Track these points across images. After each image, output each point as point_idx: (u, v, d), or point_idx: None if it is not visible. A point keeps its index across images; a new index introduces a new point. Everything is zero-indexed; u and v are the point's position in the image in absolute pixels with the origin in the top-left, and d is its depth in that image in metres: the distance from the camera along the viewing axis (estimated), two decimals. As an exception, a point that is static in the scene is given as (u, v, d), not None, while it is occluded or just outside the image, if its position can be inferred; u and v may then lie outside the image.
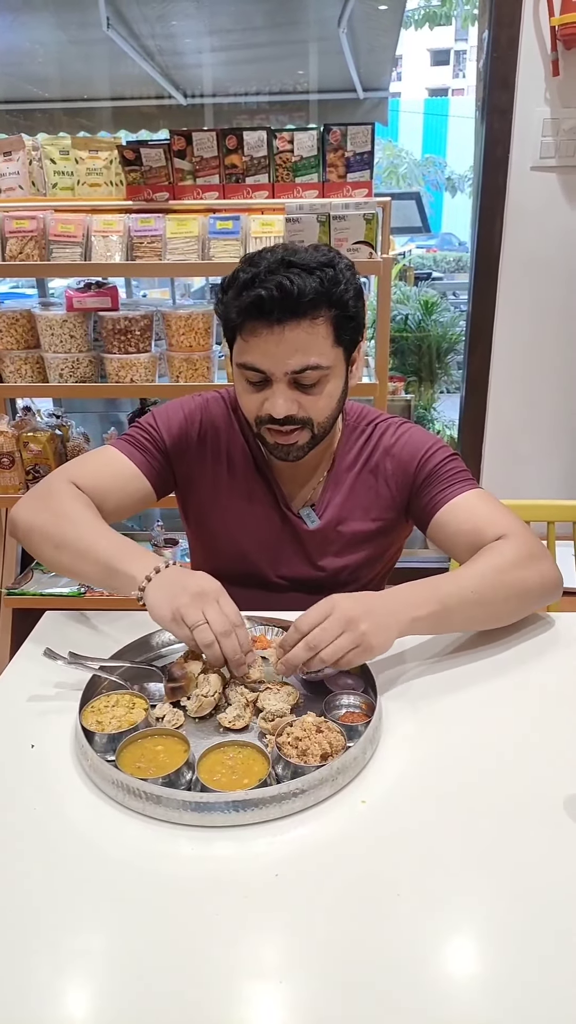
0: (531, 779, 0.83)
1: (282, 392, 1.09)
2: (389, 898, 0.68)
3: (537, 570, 1.10)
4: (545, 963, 0.62)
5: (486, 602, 1.05)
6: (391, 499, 1.25)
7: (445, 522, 1.17)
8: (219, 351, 2.20)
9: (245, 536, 1.27)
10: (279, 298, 1.02)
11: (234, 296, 1.06)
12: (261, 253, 1.08)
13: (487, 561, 1.08)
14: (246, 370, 1.10)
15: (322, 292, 1.05)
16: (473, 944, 0.65)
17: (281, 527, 1.26)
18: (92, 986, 0.61)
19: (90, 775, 0.83)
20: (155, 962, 0.63)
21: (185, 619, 0.92)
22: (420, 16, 11.56)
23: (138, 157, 2.10)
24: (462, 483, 1.19)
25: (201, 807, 0.76)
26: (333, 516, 1.25)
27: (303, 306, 1.04)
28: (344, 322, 1.09)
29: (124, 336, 2.11)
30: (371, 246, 2.01)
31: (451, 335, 5.18)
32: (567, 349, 2.62)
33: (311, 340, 1.06)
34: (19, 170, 2.15)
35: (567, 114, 2.36)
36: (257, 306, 1.03)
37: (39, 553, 1.13)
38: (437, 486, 1.19)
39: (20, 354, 2.19)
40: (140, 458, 1.23)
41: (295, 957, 0.63)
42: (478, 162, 2.53)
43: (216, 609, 0.93)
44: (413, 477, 1.22)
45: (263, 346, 1.06)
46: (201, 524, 1.32)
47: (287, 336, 1.05)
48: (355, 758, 0.83)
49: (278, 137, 2.09)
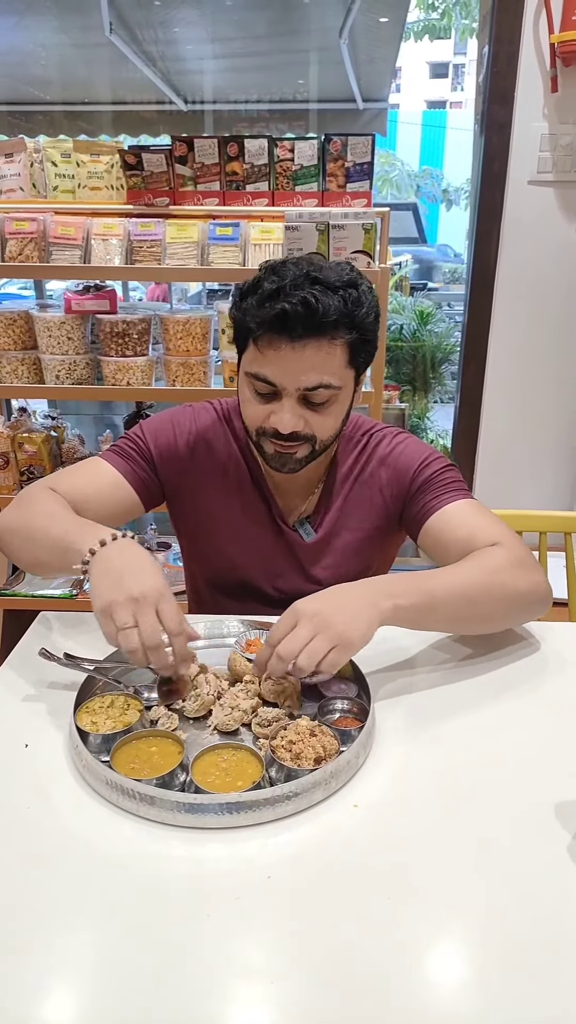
0: (523, 784, 0.84)
1: (290, 407, 1.07)
2: (380, 901, 0.69)
3: (528, 578, 1.08)
4: (536, 967, 0.63)
5: (475, 600, 1.03)
6: (384, 508, 1.23)
7: (437, 529, 1.16)
8: (216, 356, 2.20)
9: (238, 550, 1.25)
10: (303, 314, 1.00)
11: (256, 305, 1.04)
12: (285, 264, 1.06)
13: (478, 561, 1.06)
14: (256, 380, 1.08)
15: (345, 313, 1.03)
16: (464, 948, 0.66)
17: (276, 541, 1.24)
18: (83, 986, 0.62)
19: (84, 775, 0.83)
20: (147, 963, 0.63)
21: (114, 617, 0.87)
22: (420, 29, 11.66)
23: (139, 162, 2.11)
24: (455, 492, 1.18)
25: (194, 808, 0.76)
26: (329, 528, 1.24)
27: (325, 325, 1.02)
28: (361, 345, 1.08)
29: (122, 339, 2.12)
30: (369, 255, 2.03)
31: (446, 345, 5.21)
32: (561, 361, 2.64)
33: (327, 360, 1.05)
34: (20, 172, 2.16)
35: (565, 130, 2.39)
36: (280, 320, 1.01)
37: (12, 553, 1.11)
38: (430, 493, 1.18)
39: (17, 355, 2.19)
40: (126, 467, 1.20)
41: (286, 959, 0.64)
42: (476, 175, 2.55)
43: (151, 618, 0.87)
44: (408, 486, 1.21)
45: (279, 360, 1.05)
46: (192, 537, 1.31)
47: (305, 354, 1.04)
48: (348, 762, 0.83)
49: (279, 146, 2.10)
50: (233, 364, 2.11)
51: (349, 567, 1.25)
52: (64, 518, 1.06)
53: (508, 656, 1.09)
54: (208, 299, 4.84)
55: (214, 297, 4.69)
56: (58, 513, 1.07)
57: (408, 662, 1.07)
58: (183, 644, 0.89)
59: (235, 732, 0.91)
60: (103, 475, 1.20)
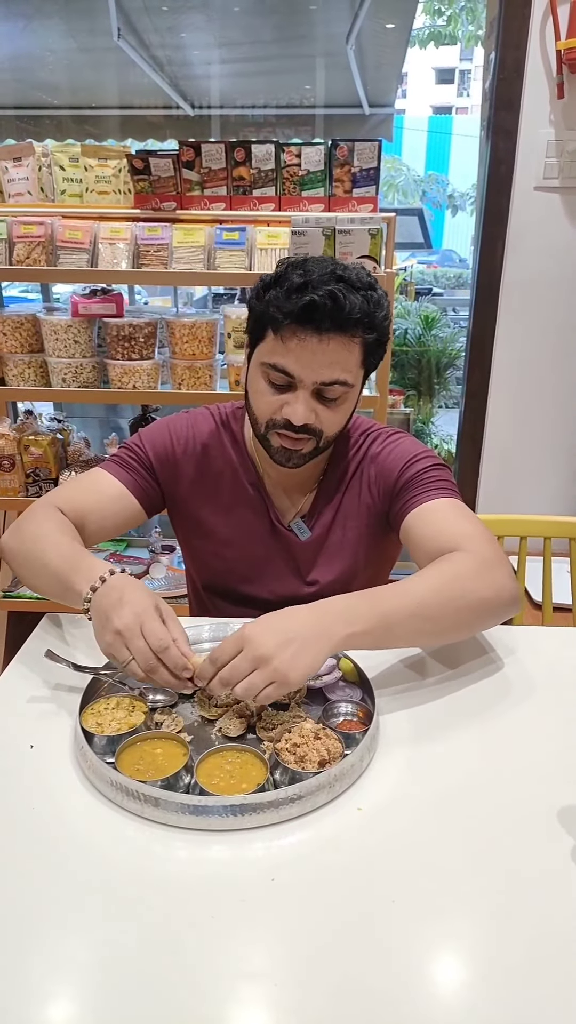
0: (526, 789, 0.84)
1: (305, 400, 1.09)
2: (384, 904, 0.69)
3: (491, 581, 1.02)
4: (540, 971, 0.63)
5: (432, 616, 0.98)
6: (372, 506, 1.23)
7: (411, 527, 1.14)
8: (222, 360, 2.21)
9: (235, 554, 1.26)
10: (330, 308, 1.03)
11: (283, 296, 1.05)
12: (308, 261, 1.08)
13: (437, 572, 1.02)
14: (273, 371, 1.09)
15: (367, 313, 1.06)
16: (468, 951, 0.66)
17: (272, 542, 1.25)
18: (88, 987, 0.62)
19: (89, 776, 0.84)
20: (151, 964, 0.63)
21: (115, 658, 0.91)
22: (426, 35, 11.70)
23: (147, 166, 2.12)
24: (437, 491, 1.15)
25: (199, 810, 0.77)
26: (324, 527, 1.24)
27: (349, 322, 1.05)
28: (375, 347, 1.11)
29: (128, 343, 2.13)
30: (375, 260, 2.03)
31: (451, 350, 5.22)
32: (567, 367, 2.65)
33: (346, 356, 1.08)
34: (28, 176, 2.17)
35: (571, 136, 2.39)
36: (308, 311, 1.03)
37: (17, 575, 1.16)
38: (412, 491, 1.17)
39: (24, 358, 2.20)
40: (126, 476, 1.23)
41: (291, 961, 0.64)
42: (482, 181, 2.56)
43: (139, 643, 0.88)
44: (393, 484, 1.20)
45: (301, 352, 1.06)
46: (190, 541, 1.31)
47: (329, 347, 1.06)
48: (352, 765, 0.83)
49: (286, 151, 2.11)
50: (239, 368, 2.12)
51: (344, 567, 1.25)
52: (59, 551, 1.06)
53: (512, 661, 1.09)
54: (214, 303, 4.87)
55: (220, 301, 4.71)
56: (54, 543, 1.08)
57: (413, 666, 1.07)
58: (173, 656, 0.89)
59: (240, 735, 0.92)
60: (105, 487, 1.22)
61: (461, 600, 1.00)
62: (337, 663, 1.03)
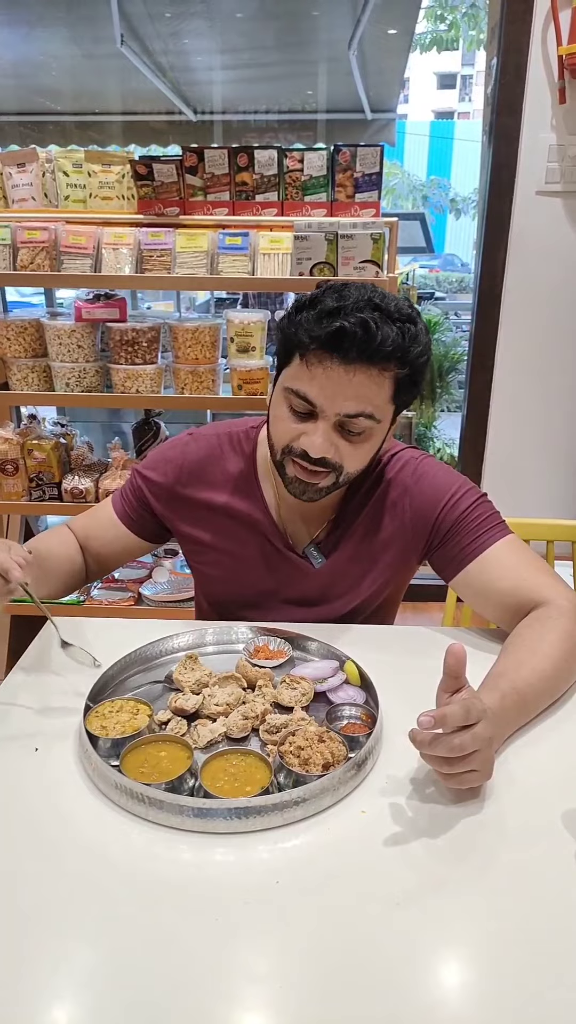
0: (530, 792, 0.84)
1: (325, 431, 1.02)
2: (388, 907, 0.69)
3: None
4: (544, 974, 0.63)
5: (557, 689, 1.00)
6: (404, 541, 1.18)
7: (475, 577, 1.12)
8: (224, 364, 2.22)
9: (244, 580, 1.22)
10: (361, 337, 0.97)
11: (314, 320, 0.99)
12: (347, 287, 1.03)
13: (548, 645, 1.01)
14: (295, 397, 1.03)
15: (400, 346, 0.99)
16: (471, 954, 0.66)
17: (283, 569, 1.20)
18: (92, 989, 0.62)
19: (93, 779, 0.84)
20: (155, 966, 0.63)
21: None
22: (428, 40, 11.74)
23: (150, 172, 2.13)
24: (490, 531, 1.12)
25: (203, 813, 0.77)
26: (340, 555, 1.19)
27: (380, 354, 0.98)
28: (408, 384, 1.05)
29: (131, 347, 2.14)
30: (378, 265, 2.04)
31: (453, 355, 5.22)
32: (568, 371, 2.65)
33: (374, 389, 1.01)
34: (32, 182, 2.18)
35: (572, 141, 2.40)
36: (336, 338, 0.97)
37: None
38: (467, 535, 1.12)
39: (27, 362, 2.21)
40: (122, 510, 1.26)
41: (295, 964, 0.64)
42: (484, 185, 2.57)
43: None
44: (435, 524, 1.15)
45: (325, 381, 1.00)
46: (197, 567, 1.29)
47: (355, 379, 1.00)
48: (356, 768, 0.83)
49: (288, 156, 2.12)
50: (241, 372, 2.13)
51: (360, 596, 1.21)
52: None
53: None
54: (216, 308, 4.87)
55: (222, 306, 4.72)
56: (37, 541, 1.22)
57: (417, 669, 1.07)
58: (18, 550, 0.98)
59: (244, 738, 0.92)
60: (103, 518, 1.27)
61: (574, 662, 1.02)
62: (341, 666, 1.03)
